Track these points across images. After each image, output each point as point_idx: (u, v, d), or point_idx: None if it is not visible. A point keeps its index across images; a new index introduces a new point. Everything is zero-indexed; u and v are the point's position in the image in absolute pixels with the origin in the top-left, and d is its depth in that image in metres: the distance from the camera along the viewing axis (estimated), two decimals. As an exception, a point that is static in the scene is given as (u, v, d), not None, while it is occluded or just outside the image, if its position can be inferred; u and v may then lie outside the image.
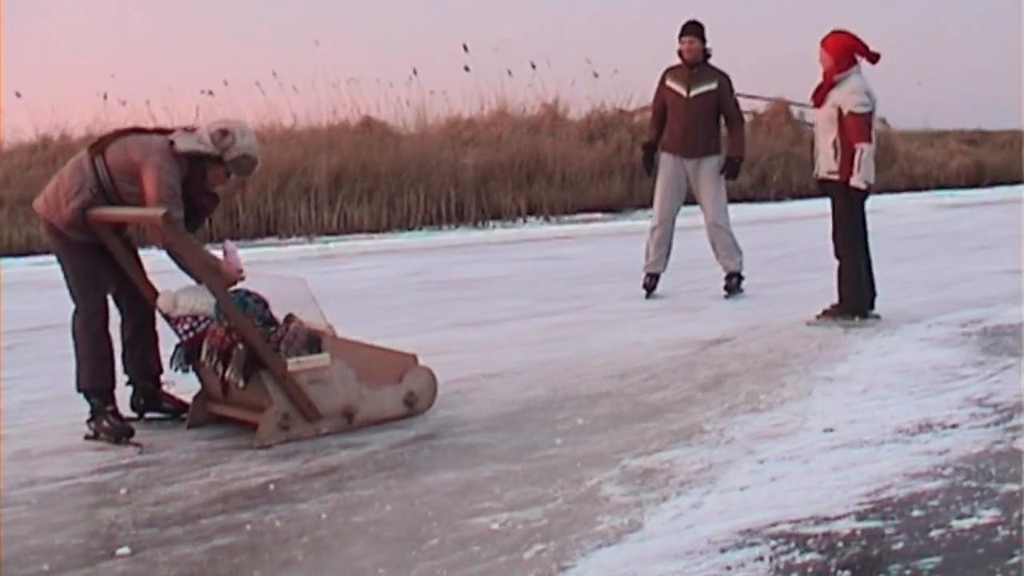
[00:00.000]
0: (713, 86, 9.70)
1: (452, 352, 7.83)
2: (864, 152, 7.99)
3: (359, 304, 10.21)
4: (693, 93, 9.72)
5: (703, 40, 9.73)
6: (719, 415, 6.04)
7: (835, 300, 8.38)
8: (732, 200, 10.28)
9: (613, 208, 20.20)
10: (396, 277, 12.23)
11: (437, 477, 5.19)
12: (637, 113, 22.30)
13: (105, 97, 18.24)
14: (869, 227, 8.45)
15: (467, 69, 20.45)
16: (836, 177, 8.12)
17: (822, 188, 8.34)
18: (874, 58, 8.11)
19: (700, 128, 9.70)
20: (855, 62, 8.09)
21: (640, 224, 17.97)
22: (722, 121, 9.86)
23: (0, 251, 15.26)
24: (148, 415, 6.34)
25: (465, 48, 20.40)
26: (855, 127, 7.99)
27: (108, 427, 5.91)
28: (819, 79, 8.18)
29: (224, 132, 5.91)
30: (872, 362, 7.17)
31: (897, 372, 6.85)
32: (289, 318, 6.10)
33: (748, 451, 5.35)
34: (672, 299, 9.88)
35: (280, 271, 12.62)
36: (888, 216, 18.44)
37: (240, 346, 5.86)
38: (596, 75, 21.61)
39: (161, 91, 19.53)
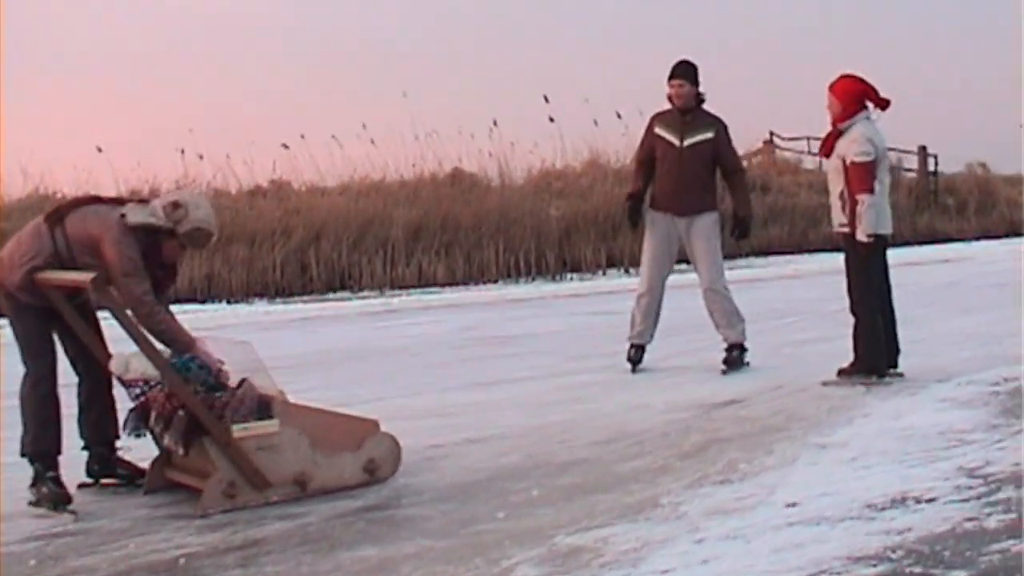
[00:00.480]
0: (709, 135, 8.59)
1: (449, 415, 7.62)
2: (866, 203, 7.56)
3: (387, 361, 10.06)
4: (687, 143, 8.61)
5: (695, 83, 8.64)
6: (684, 487, 5.68)
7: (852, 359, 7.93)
8: (824, 249, 9.71)
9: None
10: (444, 333, 12.04)
11: (355, 553, 4.93)
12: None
13: (183, 152, 18.44)
14: (893, 280, 8.00)
15: (552, 120, 20.27)
16: (846, 230, 7.71)
17: (839, 242, 7.93)
18: (884, 104, 7.71)
19: (695, 182, 8.61)
20: (863, 108, 7.68)
21: (732, 275, 17.67)
22: (718, 174, 8.91)
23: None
24: (104, 481, 6.18)
25: (546, 99, 20.23)
26: (856, 177, 7.60)
27: (47, 493, 5.78)
28: (828, 127, 7.78)
29: (176, 205, 5.78)
30: (878, 426, 6.73)
31: (899, 437, 6.41)
32: (240, 383, 5.90)
33: (693, 528, 4.98)
34: (703, 355, 9.46)
35: (326, 326, 12.73)
36: (976, 264, 17.81)
37: (181, 412, 5.69)
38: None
39: (242, 145, 19.61)
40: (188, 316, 14.64)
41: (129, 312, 5.71)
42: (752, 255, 19.63)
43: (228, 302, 16.44)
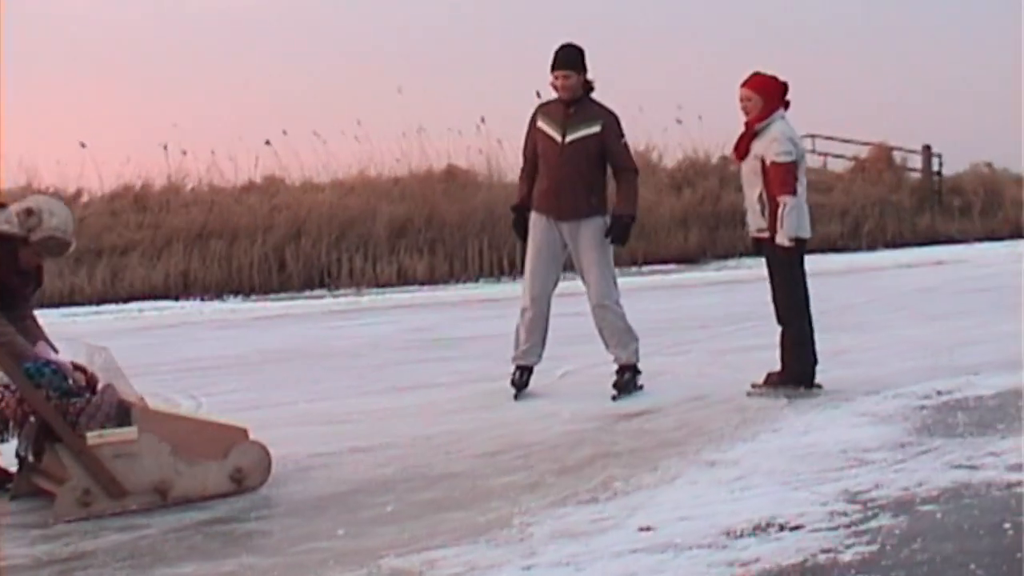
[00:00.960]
0: (595, 129, 7.56)
1: (348, 421, 7.44)
2: (788, 206, 7.25)
3: (319, 363, 9.86)
4: (569, 138, 7.58)
5: (582, 70, 7.58)
6: (545, 505, 5.41)
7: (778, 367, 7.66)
8: (820, 249, 9.24)
9: (691, 259, 19.51)
10: (393, 334, 11.83)
11: (175, 570, 4.73)
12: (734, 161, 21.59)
13: (166, 148, 18.30)
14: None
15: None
16: (765, 235, 7.42)
17: (756, 247, 7.65)
18: (787, 105, 7.43)
19: (578, 182, 7.59)
20: (780, 106, 7.39)
21: (715, 276, 17.40)
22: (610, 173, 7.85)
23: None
24: (-8, 487, 6.00)
25: (538, 95, 19.90)
26: (777, 179, 7.28)
27: None
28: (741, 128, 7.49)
29: (29, 212, 5.58)
30: (780, 443, 6.44)
31: (796, 456, 6.11)
32: (104, 388, 5.70)
33: (528, 553, 4.72)
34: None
35: (285, 325, 12.55)
36: (968, 267, 17.42)
37: (32, 418, 5.51)
38: (679, 121, 20.96)
39: (228, 141, 19.43)
40: (150, 313, 14.62)
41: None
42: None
43: (202, 299, 16.26)
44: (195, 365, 10.14)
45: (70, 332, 12.76)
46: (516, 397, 7.81)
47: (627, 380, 7.82)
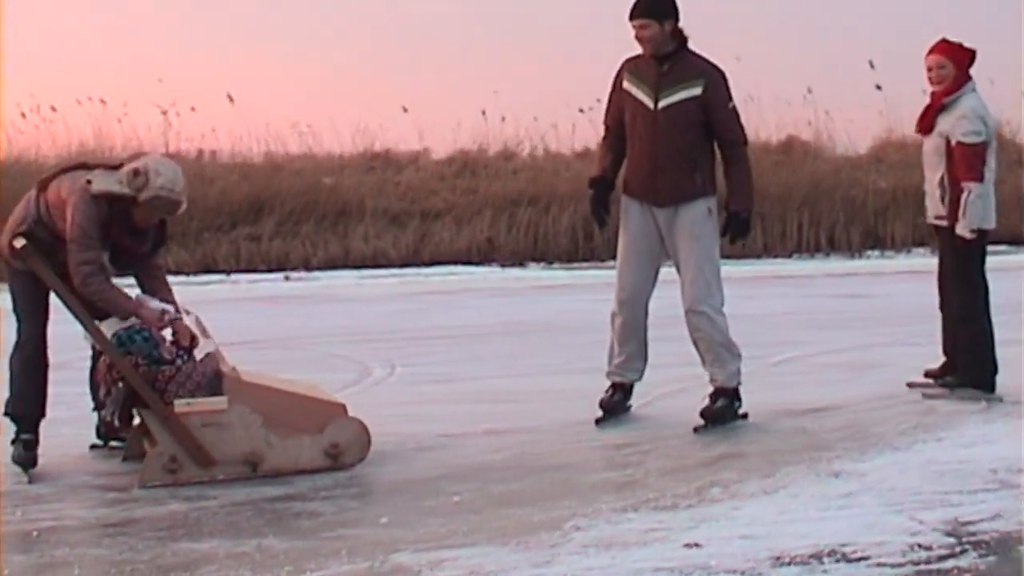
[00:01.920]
0: (696, 91, 6.12)
1: (516, 401, 7.26)
2: (972, 193, 6.40)
3: (547, 338, 9.72)
4: (663, 103, 6.15)
5: (668, 17, 6.14)
6: (614, 508, 5.02)
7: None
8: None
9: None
10: (656, 310, 11.30)
11: (196, 545, 4.69)
12: None
13: (484, 113, 18.47)
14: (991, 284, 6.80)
15: (879, 88, 18.84)
16: (943, 223, 6.59)
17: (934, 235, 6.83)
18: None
19: (677, 158, 6.16)
20: (968, 79, 6.52)
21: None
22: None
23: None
24: (112, 444, 6.16)
25: (871, 65, 18.82)
26: (964, 161, 6.43)
27: (15, 453, 5.82)
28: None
29: (136, 172, 5.62)
30: (931, 455, 5.75)
31: (936, 472, 5.42)
32: (205, 357, 5.70)
33: (545, 562, 4.38)
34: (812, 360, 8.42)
35: (549, 297, 12.39)
36: None
37: (120, 384, 5.57)
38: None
39: (549, 109, 19.33)
40: (435, 279, 14.76)
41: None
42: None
43: (503, 266, 16.34)
44: (426, 334, 10.17)
45: (346, 295, 13.22)
46: (599, 422, 6.46)
47: (720, 408, 6.33)
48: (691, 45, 6.25)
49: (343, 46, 22.79)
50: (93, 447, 6.16)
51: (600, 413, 6.48)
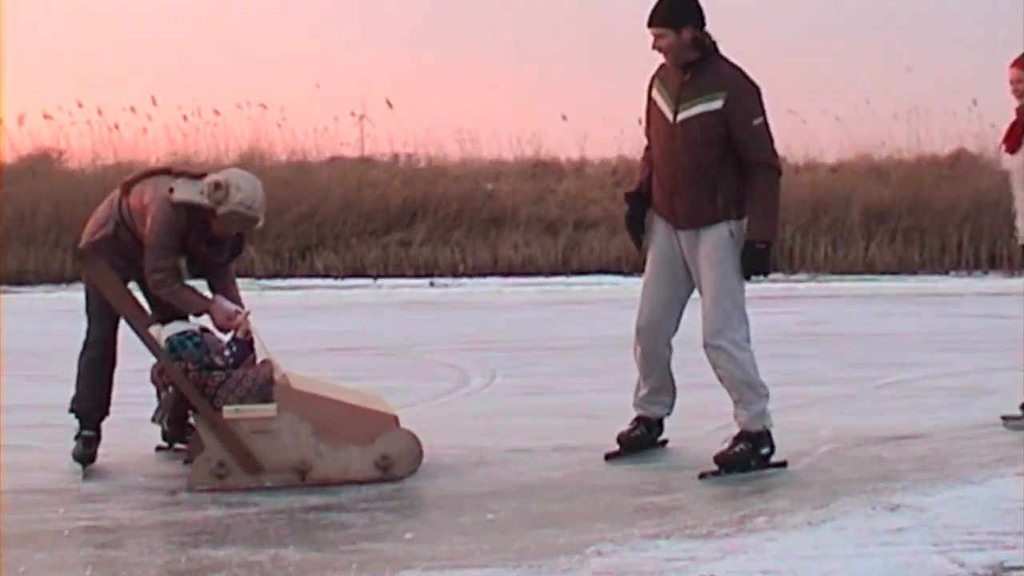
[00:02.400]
0: (717, 104, 5.56)
1: (599, 417, 6.93)
2: (1065, 214, 5.98)
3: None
4: (682, 116, 5.61)
5: (687, 24, 5.58)
6: (646, 535, 4.84)
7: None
8: None
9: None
10: (792, 324, 11.09)
11: (213, 552, 4.67)
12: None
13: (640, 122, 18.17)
14: None
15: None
16: (1036, 246, 6.17)
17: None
18: None
19: (696, 176, 5.62)
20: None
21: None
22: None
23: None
24: (177, 446, 6.24)
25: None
26: (1056, 180, 6.01)
27: (75, 450, 5.93)
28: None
29: (217, 185, 5.67)
30: (1004, 491, 5.41)
31: (1004, 511, 5.08)
32: (261, 364, 5.71)
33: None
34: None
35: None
36: None
37: (170, 388, 5.62)
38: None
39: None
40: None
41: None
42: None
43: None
44: (543, 344, 10.15)
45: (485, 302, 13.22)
46: (609, 457, 5.99)
47: (739, 452, 5.70)
48: (725, 53, 5.72)
49: (503, 52, 22.84)
50: (158, 448, 6.26)
51: (617, 447, 6.05)
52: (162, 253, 5.68)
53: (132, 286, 5.97)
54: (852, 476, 5.70)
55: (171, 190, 5.69)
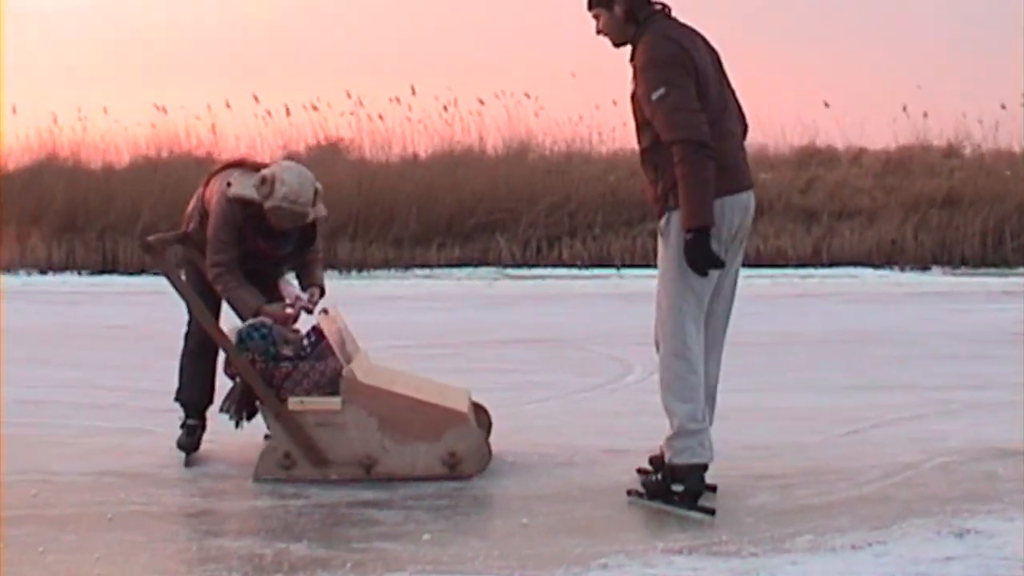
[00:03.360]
0: (632, 85, 5.06)
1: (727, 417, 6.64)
2: None
3: (847, 349, 9.10)
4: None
5: (615, 1, 5.05)
6: (673, 548, 4.59)
7: None
8: None
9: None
10: (1005, 323, 10.32)
11: (233, 543, 4.71)
12: None
13: (905, 109, 17.40)
14: None
15: None
16: None
17: None
18: None
19: (642, 163, 5.15)
20: None
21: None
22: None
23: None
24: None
25: None
26: None
27: (179, 438, 6.07)
28: None
29: (263, 180, 5.68)
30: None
31: None
32: (330, 357, 5.68)
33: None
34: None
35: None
36: None
37: (237, 379, 5.68)
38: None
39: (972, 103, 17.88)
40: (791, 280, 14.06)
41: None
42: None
43: (902, 269, 15.42)
44: (736, 339, 9.71)
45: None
46: (630, 493, 5.30)
47: (653, 482, 5.16)
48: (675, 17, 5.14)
49: (763, 41, 22.22)
50: (267, 437, 6.27)
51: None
52: (219, 247, 5.72)
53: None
54: (942, 494, 5.23)
55: (228, 184, 5.72)
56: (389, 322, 10.55)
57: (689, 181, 4.82)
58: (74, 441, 6.42)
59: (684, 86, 4.86)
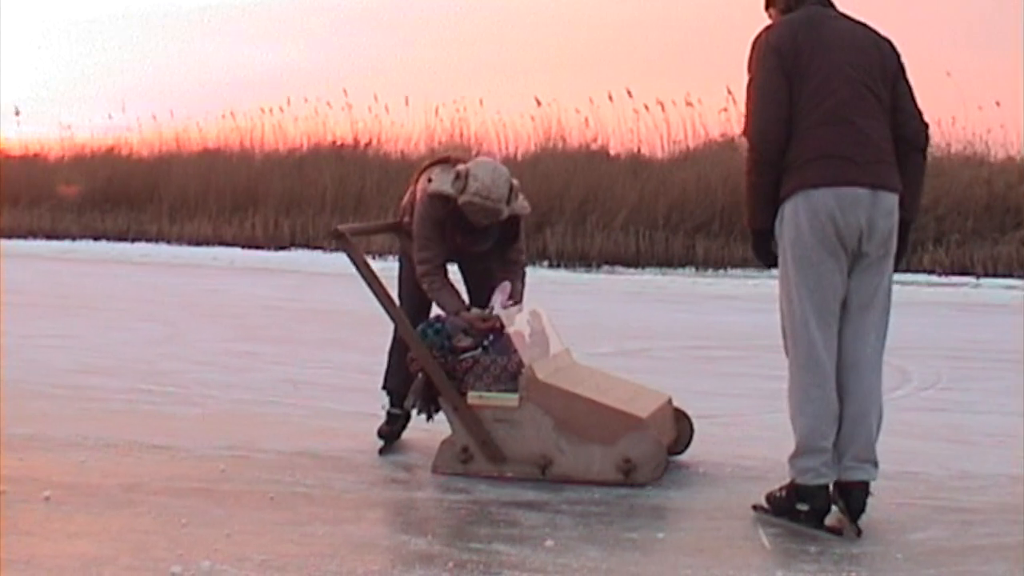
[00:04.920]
0: None
1: (900, 436, 6.21)
2: None
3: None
4: None
5: None
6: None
7: None
8: None
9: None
10: None
11: (257, 514, 4.86)
12: None
13: None
14: None
15: None
16: None
17: None
18: None
19: None
20: None
21: None
22: None
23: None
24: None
25: None
26: None
27: (381, 426, 6.17)
28: None
29: (457, 175, 5.70)
30: None
31: None
32: (513, 354, 5.64)
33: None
34: None
35: None
36: None
37: (420, 375, 5.73)
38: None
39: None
40: None
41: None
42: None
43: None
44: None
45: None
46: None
47: (778, 497, 4.89)
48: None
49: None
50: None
51: None
52: (423, 243, 5.77)
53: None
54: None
55: (429, 180, 5.74)
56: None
57: (744, 181, 4.78)
58: (304, 421, 6.70)
59: (767, 78, 4.62)
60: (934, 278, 15.09)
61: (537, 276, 14.86)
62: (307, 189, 19.18)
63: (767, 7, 4.95)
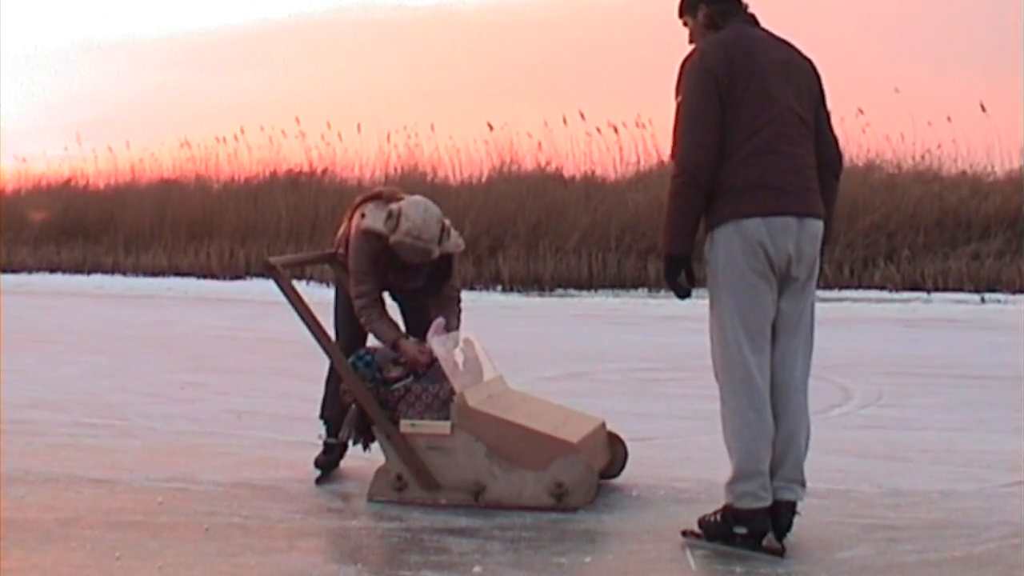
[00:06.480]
0: None
1: (868, 457, 6.52)
2: None
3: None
4: None
5: (701, 4, 4.89)
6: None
7: None
8: None
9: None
10: None
11: (311, 561, 4.79)
12: None
13: None
14: None
15: None
16: None
17: None
18: None
19: None
20: None
21: None
22: None
23: None
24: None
25: None
26: None
27: (317, 456, 6.19)
28: None
29: (389, 214, 5.74)
30: None
31: None
32: (444, 382, 5.68)
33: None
34: None
35: None
36: None
37: (353, 406, 5.78)
38: None
39: None
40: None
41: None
42: None
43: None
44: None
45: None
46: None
47: (712, 521, 4.93)
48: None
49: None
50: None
51: None
52: (359, 278, 5.81)
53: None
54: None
55: (363, 216, 5.79)
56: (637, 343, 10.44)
57: (667, 204, 4.73)
58: (245, 451, 6.73)
59: (700, 101, 4.64)
60: (885, 294, 15.24)
61: (490, 300, 15.37)
62: (262, 218, 19.26)
63: (681, 14, 4.91)
